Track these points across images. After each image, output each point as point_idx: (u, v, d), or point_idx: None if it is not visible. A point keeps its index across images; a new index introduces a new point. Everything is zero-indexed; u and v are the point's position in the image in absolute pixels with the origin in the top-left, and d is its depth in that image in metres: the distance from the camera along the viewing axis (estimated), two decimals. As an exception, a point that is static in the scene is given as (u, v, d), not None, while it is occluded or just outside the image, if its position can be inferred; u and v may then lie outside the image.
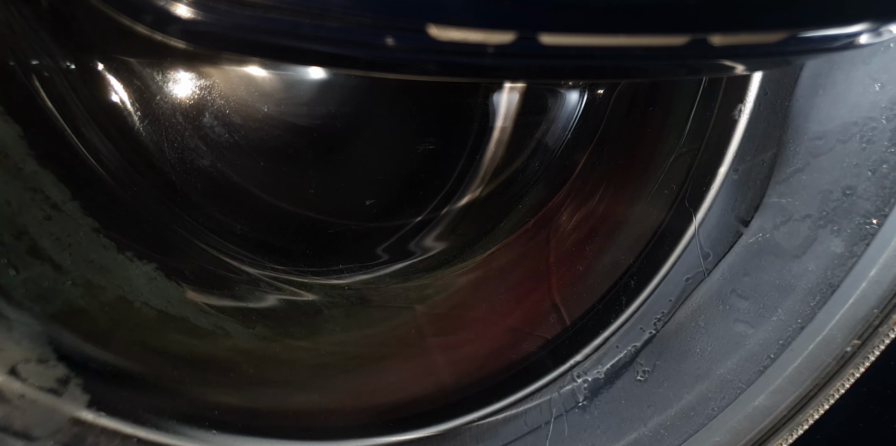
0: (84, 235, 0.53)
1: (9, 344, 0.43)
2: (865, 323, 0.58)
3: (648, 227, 0.75)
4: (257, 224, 0.80)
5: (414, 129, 0.87)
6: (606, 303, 0.74)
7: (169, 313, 0.57)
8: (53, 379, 0.44)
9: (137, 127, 0.70)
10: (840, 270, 0.60)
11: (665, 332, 0.69)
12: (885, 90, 0.60)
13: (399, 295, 0.82)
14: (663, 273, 0.72)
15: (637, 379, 0.68)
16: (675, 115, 0.78)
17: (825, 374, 0.59)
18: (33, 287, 0.46)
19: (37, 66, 0.60)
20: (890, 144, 0.59)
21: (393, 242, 0.89)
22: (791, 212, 0.64)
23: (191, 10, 0.39)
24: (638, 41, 0.40)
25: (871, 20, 0.42)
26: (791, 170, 0.65)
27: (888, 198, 0.59)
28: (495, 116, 0.89)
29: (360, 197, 0.86)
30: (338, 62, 0.45)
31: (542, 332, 0.75)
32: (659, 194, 0.76)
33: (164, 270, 0.59)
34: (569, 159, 0.92)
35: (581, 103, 0.92)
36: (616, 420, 0.66)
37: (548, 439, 0.66)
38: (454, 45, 0.38)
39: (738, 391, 0.62)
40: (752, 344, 0.63)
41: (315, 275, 0.81)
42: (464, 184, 0.91)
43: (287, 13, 0.38)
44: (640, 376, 0.68)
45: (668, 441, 0.63)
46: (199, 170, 0.75)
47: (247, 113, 0.76)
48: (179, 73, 0.73)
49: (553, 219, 0.87)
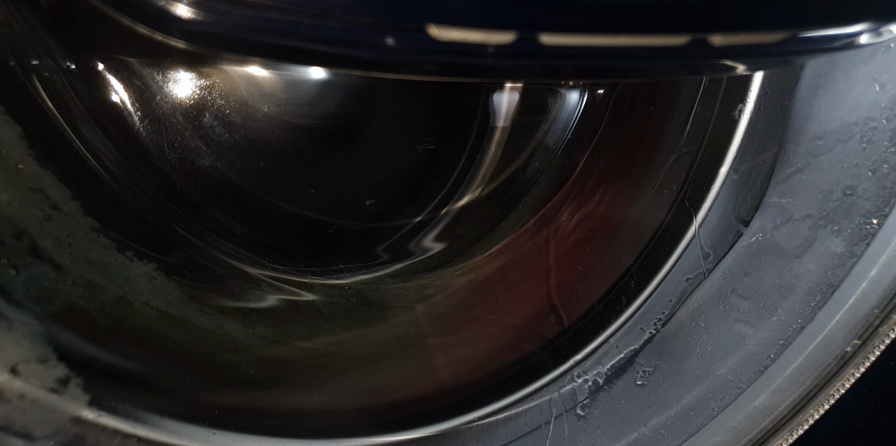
0: (84, 235, 0.53)
1: (9, 345, 0.43)
2: (865, 323, 0.58)
3: (648, 227, 0.75)
4: (257, 224, 0.80)
5: (414, 129, 0.87)
6: (607, 303, 0.74)
7: (169, 313, 0.57)
8: (53, 379, 0.44)
9: (137, 127, 0.70)
10: (840, 270, 0.60)
11: (665, 332, 0.69)
12: (886, 90, 0.60)
13: (399, 295, 0.82)
14: (663, 273, 0.72)
15: (637, 379, 0.68)
16: (675, 115, 0.78)
17: (825, 374, 0.59)
18: (33, 287, 0.46)
19: (37, 66, 0.60)
20: (890, 144, 0.59)
21: (393, 242, 0.89)
22: (791, 212, 0.64)
23: (191, 10, 0.39)
24: (638, 41, 0.40)
25: (871, 20, 0.42)
26: (791, 170, 0.65)
27: (888, 198, 0.59)
28: (495, 116, 0.89)
29: (360, 197, 0.86)
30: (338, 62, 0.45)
31: (542, 332, 0.75)
32: (659, 194, 0.76)
33: (164, 270, 0.59)
34: (569, 159, 0.91)
35: (581, 103, 0.92)
36: (616, 420, 0.66)
37: (548, 439, 0.66)
38: (454, 45, 0.38)
39: (738, 391, 0.62)
40: (752, 344, 0.63)
41: (315, 275, 0.81)
42: (464, 184, 0.91)
43: (287, 13, 0.38)
44: (641, 376, 0.68)
45: (668, 441, 0.63)
46: (199, 170, 0.75)
47: (247, 113, 0.76)
48: (179, 73, 0.73)
49: (553, 219, 0.87)
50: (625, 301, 0.73)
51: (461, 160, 0.90)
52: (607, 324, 0.73)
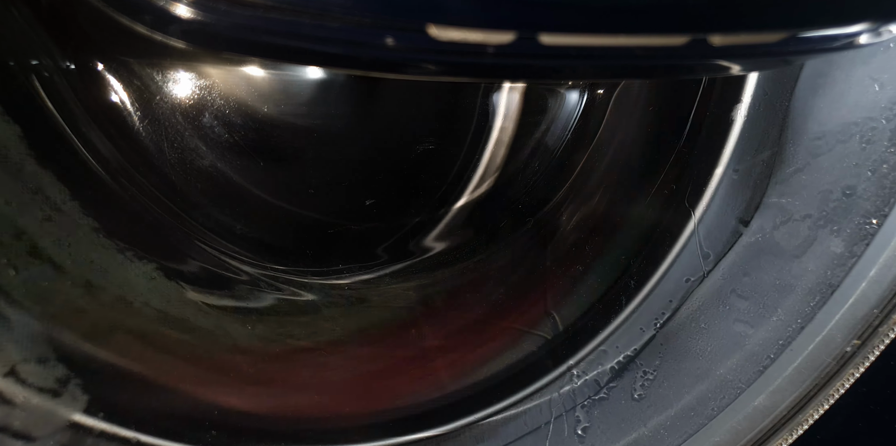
0: (84, 235, 0.53)
1: (9, 345, 0.43)
2: (865, 323, 0.58)
3: (648, 227, 0.75)
4: (257, 224, 0.80)
5: (414, 129, 0.87)
6: (606, 303, 0.74)
7: (169, 313, 0.57)
8: (53, 380, 0.44)
9: (137, 127, 0.70)
10: (840, 270, 0.60)
11: (665, 333, 0.69)
12: (885, 90, 0.60)
13: (399, 295, 0.82)
14: (663, 273, 0.72)
15: (637, 379, 0.68)
16: (674, 115, 0.78)
17: (825, 374, 0.59)
18: (33, 287, 0.46)
19: (37, 66, 0.60)
20: (890, 144, 0.59)
21: (393, 242, 0.89)
22: (791, 212, 0.64)
23: (191, 10, 0.39)
24: (638, 41, 0.40)
25: (871, 20, 0.42)
26: (791, 170, 0.65)
27: (888, 198, 0.59)
28: (495, 116, 0.89)
29: (360, 197, 0.86)
30: (338, 62, 0.45)
31: (542, 332, 0.75)
32: (659, 194, 0.76)
33: (164, 270, 0.59)
34: (569, 159, 0.91)
35: (581, 103, 0.92)
36: (616, 420, 0.66)
37: (548, 439, 0.66)
38: (454, 45, 0.38)
39: (738, 391, 0.62)
40: (752, 344, 0.63)
41: (315, 275, 0.81)
42: (464, 184, 0.91)
43: (287, 13, 0.38)
44: (640, 376, 0.68)
45: (668, 441, 0.63)
46: (199, 170, 0.75)
47: (247, 113, 0.76)
48: (179, 73, 0.73)
49: (553, 219, 0.87)
50: (624, 301, 0.73)
51: (461, 160, 0.90)
52: (607, 325, 0.73)
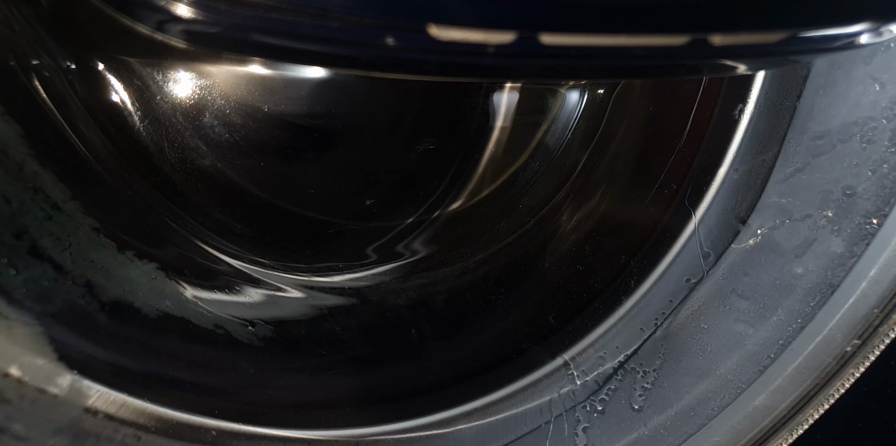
0: (84, 235, 0.53)
1: (9, 345, 0.43)
2: (865, 323, 0.58)
3: (648, 227, 0.75)
4: (257, 224, 0.80)
5: (414, 129, 0.87)
6: (606, 302, 0.74)
7: (169, 313, 0.57)
8: (53, 380, 0.44)
9: (137, 127, 0.70)
10: (840, 270, 0.60)
11: (665, 332, 0.69)
12: (886, 90, 0.60)
13: (399, 294, 0.82)
14: (663, 273, 0.72)
15: (637, 379, 0.68)
16: (674, 115, 0.78)
17: (825, 374, 0.59)
18: (33, 287, 0.46)
19: (37, 66, 0.60)
20: (890, 144, 0.59)
21: (393, 242, 0.89)
22: (791, 212, 0.64)
23: (191, 10, 0.39)
24: (638, 41, 0.40)
25: (871, 20, 0.42)
26: (791, 169, 0.65)
27: (888, 198, 0.59)
28: (495, 116, 0.89)
29: (361, 197, 0.86)
30: (338, 62, 0.45)
31: (541, 333, 0.75)
32: (659, 194, 0.76)
33: (164, 270, 0.59)
34: (569, 159, 0.91)
35: (581, 103, 0.92)
36: (616, 419, 0.66)
37: (548, 439, 0.66)
38: (454, 45, 0.38)
39: (738, 391, 0.63)
40: (752, 344, 0.63)
41: (315, 275, 0.81)
42: (464, 184, 0.91)
43: (287, 13, 0.38)
44: (641, 376, 0.68)
45: (668, 441, 0.63)
46: (199, 170, 0.75)
47: (247, 113, 0.76)
48: (179, 73, 0.73)
49: (553, 219, 0.87)
50: (624, 301, 0.73)
51: (461, 160, 0.90)
52: (607, 324, 0.73)
